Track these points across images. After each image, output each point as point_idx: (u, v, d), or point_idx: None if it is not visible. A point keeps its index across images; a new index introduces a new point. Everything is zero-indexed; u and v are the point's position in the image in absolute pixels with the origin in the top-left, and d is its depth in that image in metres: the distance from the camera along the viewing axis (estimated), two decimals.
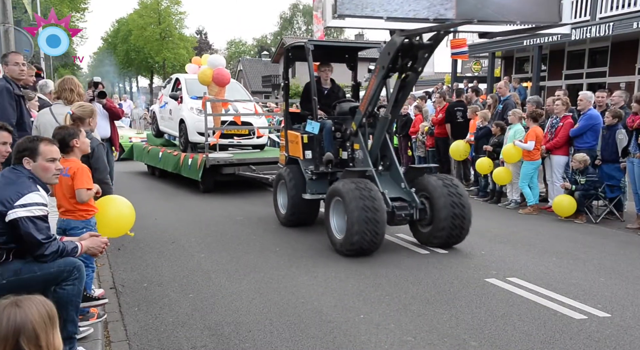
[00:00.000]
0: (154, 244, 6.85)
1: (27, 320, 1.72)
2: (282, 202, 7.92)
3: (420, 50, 6.10)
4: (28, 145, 3.30)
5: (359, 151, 6.98)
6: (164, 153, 11.94)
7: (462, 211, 6.30)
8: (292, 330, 4.20)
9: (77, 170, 3.91)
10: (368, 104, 6.63)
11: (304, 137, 7.49)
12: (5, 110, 5.19)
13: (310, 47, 7.20)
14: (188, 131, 11.18)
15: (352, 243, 5.91)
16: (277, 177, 8.08)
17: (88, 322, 3.99)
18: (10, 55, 5.55)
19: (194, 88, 11.52)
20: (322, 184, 7.31)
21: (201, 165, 10.12)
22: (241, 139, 11.57)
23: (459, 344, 3.97)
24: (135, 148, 14.16)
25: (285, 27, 69.52)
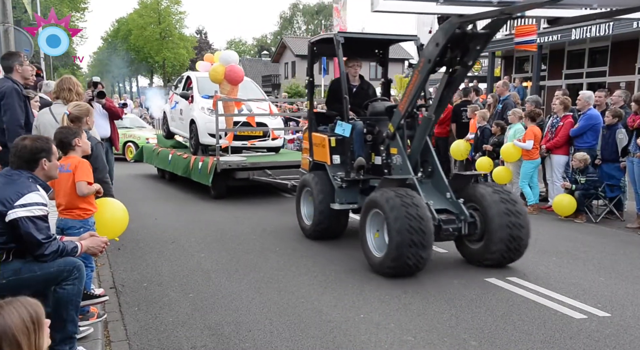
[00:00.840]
0: (154, 243, 6.85)
1: (6, 327, 1.69)
2: (306, 213, 7.20)
3: (473, 41, 5.38)
4: (45, 146, 3.30)
5: (396, 156, 6.20)
6: (174, 155, 11.23)
7: (520, 232, 5.53)
8: (292, 329, 4.20)
9: (78, 164, 3.91)
10: (409, 103, 5.89)
11: (331, 140, 6.77)
12: (15, 112, 5.21)
13: (340, 40, 6.52)
14: (198, 132, 10.48)
15: (395, 260, 5.15)
16: (301, 185, 7.29)
17: (88, 321, 3.99)
18: (19, 55, 5.56)
19: (206, 87, 10.89)
20: (352, 193, 6.65)
21: (212, 170, 9.42)
22: (255, 141, 10.81)
23: (459, 343, 3.97)
24: (145, 150, 13.48)
25: (285, 27, 69.51)
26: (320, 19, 66.66)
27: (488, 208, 5.57)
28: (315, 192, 6.74)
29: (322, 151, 6.94)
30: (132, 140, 16.52)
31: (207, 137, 10.32)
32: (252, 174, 9.68)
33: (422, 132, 6.09)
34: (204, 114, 10.41)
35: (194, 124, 10.67)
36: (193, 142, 10.92)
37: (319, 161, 7.07)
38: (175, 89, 12.63)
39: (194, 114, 10.66)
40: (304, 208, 7.26)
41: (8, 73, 5.38)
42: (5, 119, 5.17)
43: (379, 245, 5.59)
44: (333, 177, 6.70)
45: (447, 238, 5.75)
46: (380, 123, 6.57)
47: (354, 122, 6.53)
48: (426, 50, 5.55)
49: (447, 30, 5.21)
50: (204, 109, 10.44)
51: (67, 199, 3.93)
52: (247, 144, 10.74)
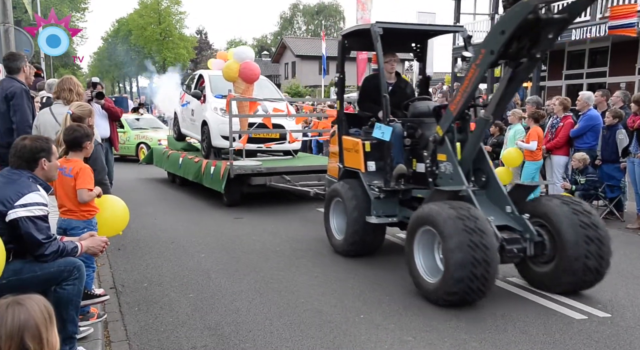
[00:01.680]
0: (154, 244, 6.85)
1: (30, 317, 1.75)
2: (337, 226, 6.42)
3: (545, 28, 4.54)
4: (44, 146, 3.30)
5: (445, 164, 5.37)
6: (185, 159, 10.55)
7: (600, 249, 4.69)
8: (292, 330, 4.20)
9: (80, 171, 3.90)
10: (464, 103, 5.08)
11: (365, 145, 6.04)
12: (25, 113, 5.25)
13: (378, 31, 5.77)
14: (211, 134, 9.78)
15: (453, 291, 4.45)
16: (330, 194, 6.51)
17: (88, 322, 3.99)
18: (23, 57, 5.59)
19: (219, 85, 10.19)
20: (390, 204, 5.92)
21: (225, 175, 8.67)
22: (272, 144, 10.00)
23: (459, 344, 3.96)
24: (155, 152, 12.72)
25: (285, 27, 69.53)
26: (321, 19, 66.70)
27: (559, 222, 4.72)
28: (348, 204, 6.01)
29: (355, 157, 6.17)
30: (145, 141, 16.21)
31: (220, 140, 9.65)
32: (269, 180, 8.93)
33: (477, 136, 5.33)
34: (216, 114, 9.75)
35: (206, 126, 10.02)
36: (205, 145, 10.27)
37: (351, 168, 6.30)
38: (187, 88, 11.98)
39: (206, 114, 10.00)
40: (333, 221, 6.47)
41: (14, 74, 5.39)
42: (16, 120, 5.20)
43: (429, 268, 4.84)
44: (369, 186, 5.93)
45: (510, 260, 4.93)
46: (424, 125, 5.83)
47: (394, 124, 5.74)
48: (488, 40, 4.78)
49: (517, 14, 4.36)
50: (217, 110, 9.79)
51: (69, 202, 3.95)
52: (262, 146, 9.99)
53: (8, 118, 5.24)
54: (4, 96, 5.22)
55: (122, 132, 16.22)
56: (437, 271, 4.69)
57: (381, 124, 5.76)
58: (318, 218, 7.86)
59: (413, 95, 6.62)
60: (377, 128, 5.78)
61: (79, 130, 4.00)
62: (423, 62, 7.18)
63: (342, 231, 6.28)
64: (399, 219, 5.92)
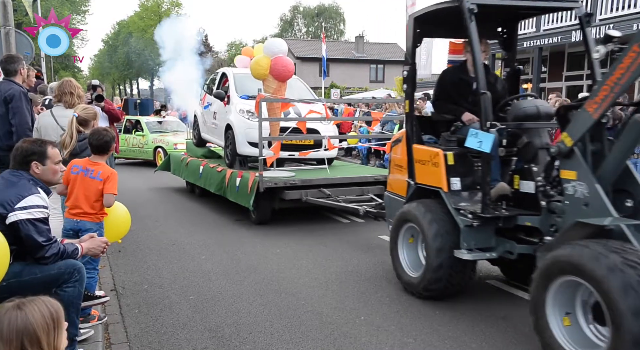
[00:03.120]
0: (154, 245, 6.85)
1: (28, 323, 1.74)
2: (409, 260, 5.13)
3: None
4: (36, 149, 3.30)
5: (575, 184, 3.96)
6: (206, 168, 9.37)
7: None
8: (293, 332, 4.19)
9: (111, 175, 4.05)
10: (612, 101, 3.75)
11: (447, 156, 4.77)
12: (24, 115, 5.27)
13: (472, 9, 4.45)
14: (236, 140, 8.55)
15: None
16: (401, 218, 5.14)
17: (89, 324, 4.00)
18: (22, 59, 5.61)
19: (245, 85, 9.20)
20: (486, 234, 4.57)
21: (253, 188, 7.48)
22: (309, 152, 8.68)
23: (459, 345, 3.96)
24: (172, 159, 11.46)
25: (286, 29, 69.57)
26: (321, 21, 66.76)
27: None
28: (427, 231, 4.69)
29: (433, 172, 4.90)
30: (162, 145, 15.22)
31: (246, 146, 8.44)
32: (304, 194, 7.70)
33: (627, 146, 3.84)
34: (242, 117, 8.57)
35: (230, 130, 8.79)
36: (229, 152, 9.02)
37: (427, 185, 5.02)
38: (208, 88, 10.75)
39: (231, 117, 8.78)
40: (403, 253, 5.17)
41: (11, 76, 5.40)
42: (15, 123, 5.21)
43: (571, 334, 3.55)
44: (457, 210, 4.62)
45: None
46: (531, 132, 4.59)
47: (495, 130, 4.37)
48: None
49: None
50: (243, 112, 8.63)
51: (89, 204, 4.01)
52: (295, 155, 8.66)
53: (7, 121, 5.25)
54: (2, 99, 5.22)
55: (141, 135, 15.95)
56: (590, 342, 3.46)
57: (478, 131, 4.40)
58: (324, 222, 7.85)
59: (505, 93, 5.30)
60: (471, 135, 4.43)
61: (107, 135, 4.18)
62: (511, 50, 5.76)
63: (416, 266, 5.03)
64: (499, 253, 4.61)
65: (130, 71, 53.28)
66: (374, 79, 45.46)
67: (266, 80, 8.21)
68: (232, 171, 8.36)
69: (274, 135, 8.11)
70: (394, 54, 46.80)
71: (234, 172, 8.28)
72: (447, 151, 4.85)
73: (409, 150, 5.27)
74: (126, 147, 16.20)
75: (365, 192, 7.96)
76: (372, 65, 46.10)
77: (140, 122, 16.65)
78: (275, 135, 8.11)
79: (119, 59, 51.79)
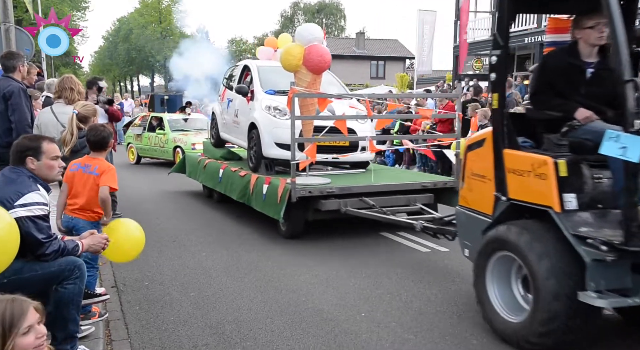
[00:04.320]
0: (155, 242, 6.85)
1: None
2: (502, 299, 4.03)
3: None
4: (31, 144, 3.30)
5: None
6: (226, 171, 8.41)
7: None
8: (293, 328, 4.20)
9: (107, 168, 4.03)
10: None
11: (559, 166, 3.68)
12: (24, 112, 5.27)
13: None
14: (262, 141, 7.51)
15: None
16: (491, 245, 4.04)
17: (89, 321, 4.00)
18: (21, 56, 5.60)
19: (270, 79, 8.29)
20: (620, 272, 3.50)
21: (284, 197, 6.45)
22: (346, 154, 7.65)
23: (460, 342, 3.96)
24: (188, 160, 10.44)
25: (286, 26, 69.42)
26: (322, 17, 66.64)
27: None
28: (538, 269, 3.59)
29: (538, 185, 3.80)
30: (180, 145, 14.15)
31: (273, 148, 7.44)
32: (344, 204, 6.57)
33: None
34: (269, 115, 7.54)
35: (254, 130, 7.78)
36: (253, 154, 7.92)
37: (528, 203, 3.90)
38: (227, 82, 9.77)
39: (255, 115, 7.75)
40: (493, 289, 4.06)
41: (10, 72, 5.39)
42: (14, 119, 5.21)
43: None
44: (579, 238, 3.49)
45: None
46: None
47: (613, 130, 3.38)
48: None
49: None
50: (270, 109, 7.59)
51: (86, 200, 4.00)
52: (328, 158, 7.52)
53: (6, 118, 5.25)
54: (1, 95, 5.22)
55: (162, 134, 14.92)
56: None
57: (619, 133, 3.31)
58: None
59: None
60: (610, 139, 3.33)
61: (105, 130, 4.19)
62: (630, 27, 4.02)
63: (514, 308, 3.94)
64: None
65: (131, 68, 53.23)
66: (374, 75, 45.42)
67: (298, 72, 6.97)
68: (257, 176, 7.35)
69: (307, 135, 6.94)
70: (394, 50, 46.75)
71: (260, 177, 7.28)
72: (558, 159, 3.72)
73: (498, 156, 4.14)
74: (149, 146, 15.41)
75: (412, 201, 6.83)
76: (373, 61, 46.04)
77: (163, 119, 15.54)
78: (309, 136, 6.93)
79: (120, 56, 51.74)
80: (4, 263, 2.84)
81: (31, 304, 1.90)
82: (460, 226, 4.79)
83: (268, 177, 7.17)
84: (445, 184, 7.20)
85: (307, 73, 6.95)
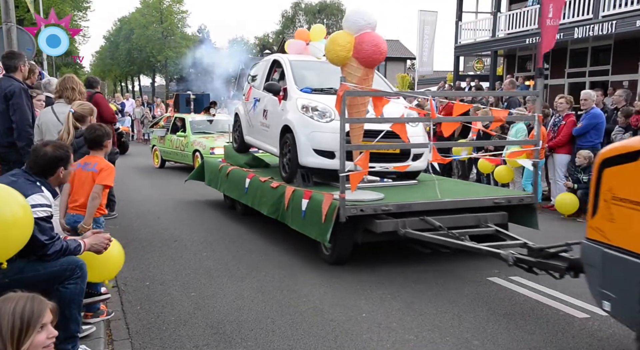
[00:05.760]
0: (156, 242, 6.86)
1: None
2: None
3: None
4: (63, 155, 3.35)
5: None
6: (254, 181, 7.34)
7: None
8: (294, 328, 4.20)
9: (106, 167, 4.06)
10: None
11: None
12: (25, 112, 5.28)
13: None
14: (298, 147, 6.43)
15: None
16: None
17: (98, 318, 4.04)
18: (22, 55, 5.61)
19: (306, 75, 7.33)
20: None
21: (330, 216, 5.41)
22: (401, 165, 6.35)
23: (461, 342, 3.96)
24: (208, 166, 9.39)
25: (287, 26, 69.44)
26: (323, 17, 66.63)
27: None
28: None
29: None
30: (199, 148, 12.97)
31: (311, 156, 6.37)
32: (402, 225, 5.47)
33: None
34: (306, 117, 6.48)
35: (289, 134, 6.70)
36: (287, 162, 6.84)
37: None
38: (253, 80, 8.70)
39: (290, 117, 6.68)
40: None
41: (11, 72, 5.39)
42: (15, 119, 5.22)
43: None
44: None
45: None
46: None
47: None
48: None
49: None
50: (307, 110, 6.52)
51: (85, 197, 4.03)
52: (376, 167, 6.11)
53: (8, 117, 5.25)
54: (3, 95, 5.23)
55: (183, 136, 13.74)
56: None
57: None
58: None
59: None
60: None
61: (100, 129, 4.20)
62: None
63: None
64: None
65: (132, 68, 53.24)
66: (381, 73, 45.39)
67: (347, 65, 5.81)
68: (293, 189, 6.26)
69: (355, 141, 5.79)
70: (395, 50, 46.68)
71: (297, 190, 6.20)
72: None
73: None
74: (171, 149, 14.26)
75: (482, 221, 5.79)
76: None
77: (185, 120, 14.33)
78: (358, 142, 5.80)
79: (121, 56, 51.74)
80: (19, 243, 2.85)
81: (48, 305, 1.94)
82: (594, 269, 3.51)
83: (308, 190, 6.08)
84: (521, 201, 6.05)
85: (357, 67, 5.77)
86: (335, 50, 5.79)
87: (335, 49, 5.77)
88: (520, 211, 6.12)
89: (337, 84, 5.74)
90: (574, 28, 15.22)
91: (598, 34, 14.62)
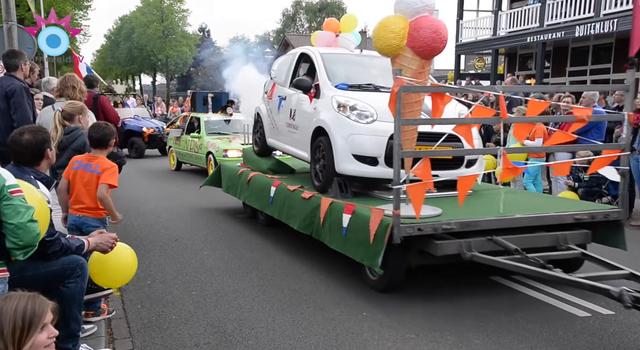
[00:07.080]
0: (157, 241, 6.86)
1: None
2: None
3: None
4: (46, 136, 3.31)
5: None
6: (281, 189, 6.48)
7: None
8: (295, 327, 4.20)
9: (109, 167, 4.04)
10: None
11: None
12: (26, 111, 5.28)
13: None
14: (334, 152, 5.60)
15: None
16: None
17: (99, 317, 4.04)
18: (23, 54, 5.62)
19: (339, 71, 6.47)
20: None
21: (381, 236, 4.53)
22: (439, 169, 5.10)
23: (462, 341, 3.96)
24: (225, 172, 8.49)
25: (288, 25, 69.41)
26: (323, 16, 66.58)
27: None
28: None
29: None
30: (212, 151, 12.02)
31: (350, 162, 5.52)
32: (467, 248, 4.57)
33: None
34: (343, 117, 5.62)
35: (322, 136, 5.86)
36: (320, 168, 5.96)
37: None
38: (276, 75, 7.77)
39: (324, 117, 5.86)
40: None
41: (12, 71, 5.40)
42: (16, 118, 5.22)
43: None
44: None
45: None
46: None
47: None
48: None
49: None
50: (345, 109, 5.65)
51: (89, 199, 4.02)
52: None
53: (8, 116, 5.25)
54: (4, 94, 5.23)
55: (197, 137, 12.88)
56: None
57: None
58: None
59: None
60: None
61: (107, 128, 4.19)
62: None
63: None
64: None
65: (133, 67, 53.26)
66: None
67: (399, 56, 4.79)
68: (331, 201, 5.40)
69: (407, 147, 4.81)
70: None
71: (335, 203, 5.33)
72: None
73: None
74: (186, 150, 13.45)
75: (562, 240, 4.88)
76: None
77: (200, 120, 13.39)
78: (411, 148, 4.87)
79: (121, 55, 51.75)
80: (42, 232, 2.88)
81: (49, 304, 1.94)
82: None
83: (349, 203, 5.16)
84: (606, 216, 5.04)
85: (412, 58, 4.75)
86: (387, 38, 4.69)
87: (387, 37, 4.68)
88: (602, 228, 5.14)
89: (376, 80, 5.09)
90: (575, 26, 15.19)
91: (599, 32, 14.59)
